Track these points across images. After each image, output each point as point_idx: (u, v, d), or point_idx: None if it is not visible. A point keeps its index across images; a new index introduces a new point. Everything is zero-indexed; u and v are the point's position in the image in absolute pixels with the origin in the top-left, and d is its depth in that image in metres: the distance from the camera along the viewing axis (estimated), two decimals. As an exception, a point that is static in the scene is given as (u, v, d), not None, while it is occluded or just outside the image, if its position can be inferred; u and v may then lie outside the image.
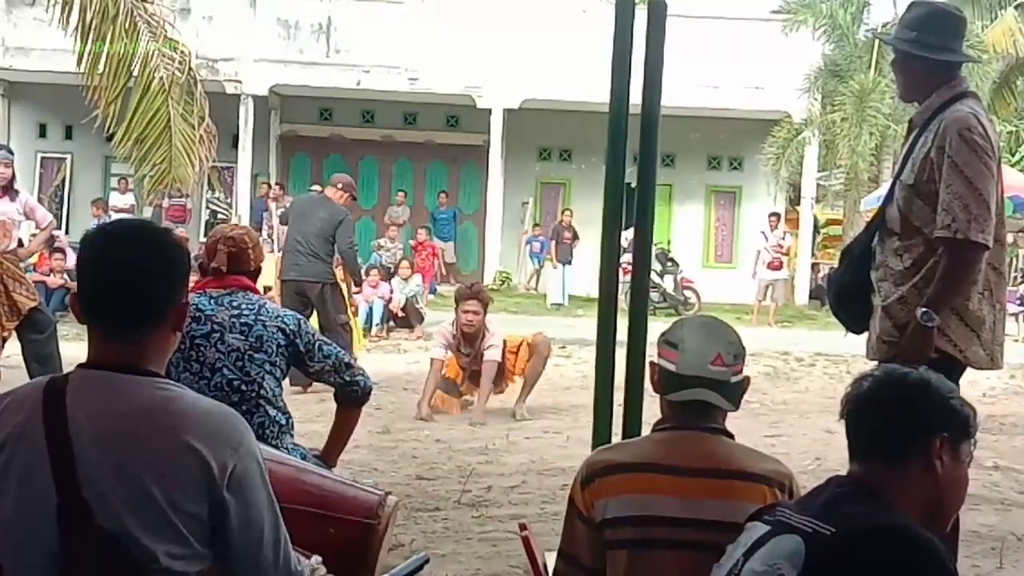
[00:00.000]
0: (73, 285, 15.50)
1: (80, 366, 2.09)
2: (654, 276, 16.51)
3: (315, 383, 6.49)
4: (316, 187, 9.98)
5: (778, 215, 18.93)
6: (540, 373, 8.78)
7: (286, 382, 4.22)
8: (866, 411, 2.15)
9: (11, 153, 8.16)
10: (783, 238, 18.52)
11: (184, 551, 1.97)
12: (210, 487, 1.98)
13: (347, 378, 4.01)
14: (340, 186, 9.85)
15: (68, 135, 22.03)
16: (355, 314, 11.73)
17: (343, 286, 10.14)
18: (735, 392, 2.65)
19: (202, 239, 16.77)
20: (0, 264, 7.64)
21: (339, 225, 9.46)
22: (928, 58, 3.67)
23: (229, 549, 2.03)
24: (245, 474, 2.03)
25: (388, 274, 15.23)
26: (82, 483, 1.95)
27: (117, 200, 20.33)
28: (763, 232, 18.55)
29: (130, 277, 2.07)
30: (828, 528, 2.00)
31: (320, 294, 9.35)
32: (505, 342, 8.71)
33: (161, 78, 8.06)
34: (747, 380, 2.69)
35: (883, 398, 2.13)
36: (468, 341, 8.55)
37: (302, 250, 9.38)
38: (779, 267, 18.22)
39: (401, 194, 21.13)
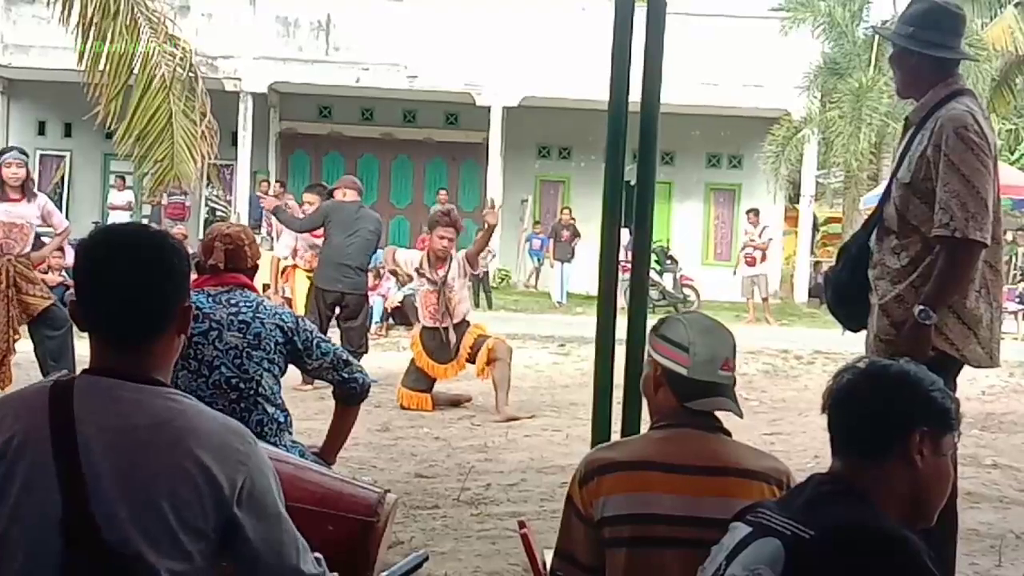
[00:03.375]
0: (72, 282, 15.54)
1: (85, 372, 2.05)
2: (653, 274, 16.50)
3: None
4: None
5: (757, 211, 18.86)
6: (508, 376, 8.82)
7: (296, 375, 4.21)
8: (846, 405, 2.13)
9: (24, 154, 8.11)
10: (760, 235, 18.46)
11: (186, 567, 1.93)
12: (219, 504, 1.95)
13: (345, 375, 4.01)
14: (357, 190, 10.00)
15: (67, 133, 22.02)
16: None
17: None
18: (734, 393, 2.68)
19: (201, 236, 16.75)
20: (12, 267, 7.65)
21: (379, 238, 9.99)
22: (924, 54, 3.67)
23: (256, 563, 2.00)
24: (256, 489, 2.00)
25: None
26: (89, 496, 1.91)
27: (115, 198, 20.32)
28: (746, 229, 18.55)
29: (130, 288, 2.02)
30: (807, 531, 1.99)
31: (358, 302, 9.66)
32: (469, 321, 8.96)
33: (162, 75, 8.04)
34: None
35: (863, 392, 2.12)
36: (438, 264, 8.80)
37: (351, 263, 9.51)
38: (754, 263, 18.15)
39: (443, 192, 20.85)
